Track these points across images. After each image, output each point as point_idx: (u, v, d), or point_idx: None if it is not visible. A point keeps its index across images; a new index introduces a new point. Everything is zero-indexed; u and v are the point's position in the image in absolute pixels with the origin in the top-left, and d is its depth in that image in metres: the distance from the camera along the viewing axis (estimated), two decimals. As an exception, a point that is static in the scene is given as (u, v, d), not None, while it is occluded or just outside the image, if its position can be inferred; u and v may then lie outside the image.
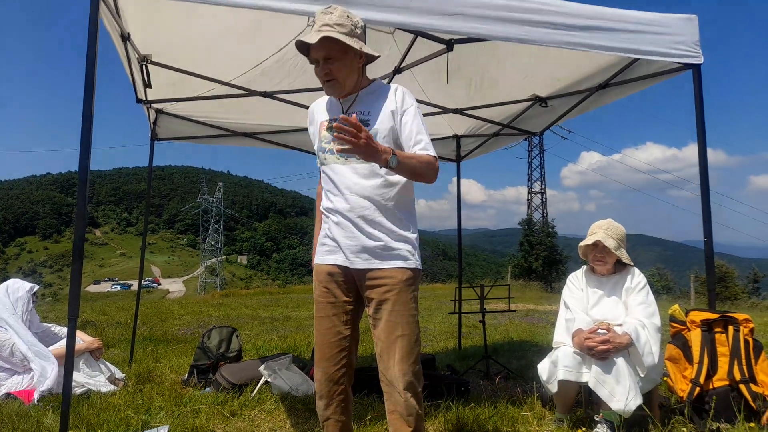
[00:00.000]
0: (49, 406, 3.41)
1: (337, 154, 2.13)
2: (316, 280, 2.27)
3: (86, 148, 2.45)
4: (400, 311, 2.12)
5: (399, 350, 2.10)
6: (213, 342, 4.47)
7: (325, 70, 2.11)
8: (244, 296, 19.74)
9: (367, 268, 2.14)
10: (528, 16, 2.88)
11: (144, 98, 4.53)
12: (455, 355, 5.75)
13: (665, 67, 3.48)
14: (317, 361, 2.24)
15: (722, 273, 18.52)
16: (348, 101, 2.23)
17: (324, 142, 2.23)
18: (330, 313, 2.21)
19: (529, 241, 31.43)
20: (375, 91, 2.24)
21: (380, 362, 2.16)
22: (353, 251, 2.15)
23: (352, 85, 2.19)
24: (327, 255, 2.24)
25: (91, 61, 2.47)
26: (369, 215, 2.14)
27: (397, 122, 2.17)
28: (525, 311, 11.60)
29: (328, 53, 2.08)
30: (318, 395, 2.24)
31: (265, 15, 2.76)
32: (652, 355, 2.83)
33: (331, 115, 2.26)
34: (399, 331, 2.11)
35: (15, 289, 4.00)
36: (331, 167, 2.21)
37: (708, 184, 3.31)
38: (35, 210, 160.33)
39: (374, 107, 2.19)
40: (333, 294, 2.22)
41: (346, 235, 2.16)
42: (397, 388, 2.09)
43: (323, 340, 2.21)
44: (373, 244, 2.14)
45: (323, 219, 2.29)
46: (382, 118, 2.16)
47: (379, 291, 2.14)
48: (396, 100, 2.18)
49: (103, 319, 9.38)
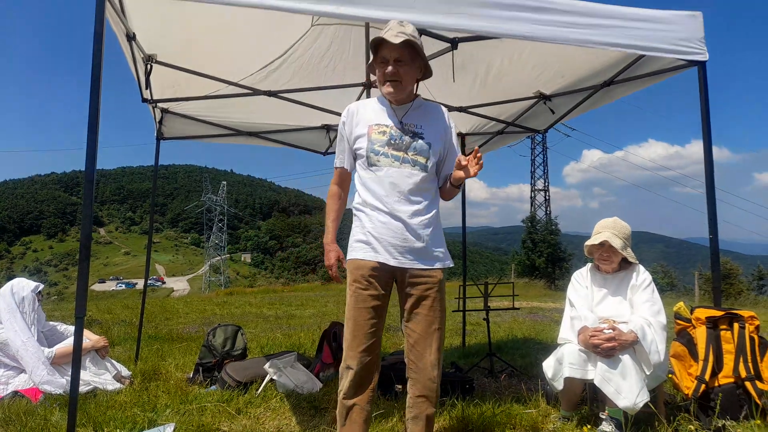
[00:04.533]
0: (56, 404, 3.43)
1: (392, 158, 2.34)
2: (357, 274, 2.35)
3: (92, 147, 2.47)
4: (437, 307, 2.36)
5: (436, 341, 2.35)
6: (218, 340, 4.48)
7: (393, 70, 2.30)
8: (248, 294, 19.75)
9: (412, 267, 2.34)
10: (533, 14, 2.88)
11: (150, 98, 4.54)
12: (459, 352, 5.74)
13: (670, 64, 3.47)
14: (353, 351, 2.32)
15: (727, 270, 18.41)
16: (403, 109, 2.43)
17: (377, 145, 2.36)
18: (370, 305, 2.33)
19: (533, 238, 31.32)
20: (423, 106, 2.49)
21: (412, 352, 2.36)
22: (400, 251, 2.32)
23: (408, 93, 2.41)
24: (371, 252, 2.35)
25: (96, 60, 2.48)
26: (417, 218, 2.34)
27: (443, 144, 2.46)
28: (529, 309, 11.59)
29: (402, 55, 2.29)
30: (352, 383, 2.32)
31: (271, 15, 2.76)
32: (658, 353, 2.83)
33: (382, 120, 2.40)
34: (436, 325, 2.36)
35: (20, 288, 4.02)
36: (383, 170, 2.35)
37: (713, 181, 3.30)
38: (40, 209, 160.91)
39: (426, 122, 2.43)
40: (374, 287, 2.33)
41: (394, 236, 2.32)
42: (430, 374, 2.33)
43: (361, 331, 2.32)
44: (420, 245, 2.34)
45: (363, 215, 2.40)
46: (435, 136, 2.42)
47: (420, 288, 2.34)
48: (444, 124, 2.48)
49: (108, 318, 9.41)
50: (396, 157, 2.35)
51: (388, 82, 2.33)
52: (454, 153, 2.48)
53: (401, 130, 2.38)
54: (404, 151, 2.36)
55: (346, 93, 4.61)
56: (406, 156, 2.35)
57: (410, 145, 2.36)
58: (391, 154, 2.35)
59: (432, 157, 2.39)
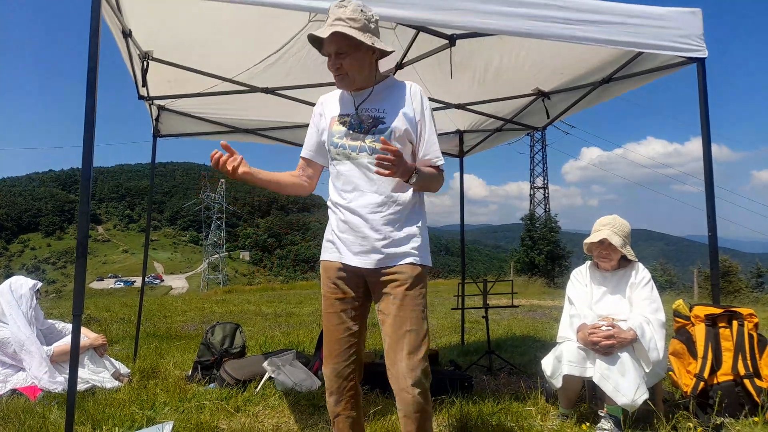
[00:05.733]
0: (54, 402, 3.43)
1: (349, 149, 2.14)
2: (324, 276, 2.23)
3: (89, 145, 2.45)
4: (409, 306, 2.09)
5: (408, 345, 2.06)
6: (216, 338, 4.48)
7: (336, 65, 2.11)
8: (246, 292, 19.77)
9: (377, 267, 2.12)
10: (531, 10, 2.87)
11: (146, 95, 4.53)
12: (458, 350, 5.75)
13: (669, 61, 3.46)
14: (325, 359, 2.22)
15: (726, 268, 18.45)
16: (361, 96, 2.21)
17: (336, 137, 2.19)
18: (338, 309, 2.19)
19: (532, 236, 31.36)
20: (389, 87, 2.23)
21: (387, 358, 2.12)
22: (360, 250, 2.12)
23: (364, 79, 2.18)
24: (335, 252, 2.20)
25: (93, 57, 2.47)
26: (378, 213, 2.12)
27: (413, 127, 2.18)
28: (528, 307, 11.60)
29: (340, 48, 2.07)
30: (328, 392, 2.21)
31: (267, 11, 2.74)
32: (657, 351, 2.83)
33: (343, 110, 2.23)
34: (407, 326, 2.08)
35: (18, 285, 4.01)
36: (341, 163, 2.19)
37: (712, 179, 3.29)
38: (38, 207, 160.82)
39: (389, 104, 2.18)
40: (341, 290, 2.19)
41: (354, 234, 2.13)
42: (403, 385, 2.04)
43: (332, 337, 2.19)
44: (382, 243, 2.11)
45: (330, 213, 2.25)
46: (398, 117, 2.15)
47: (389, 287, 2.12)
48: (413, 105, 2.20)
49: (106, 316, 9.40)
50: (353, 148, 2.14)
51: (336, 75, 2.15)
52: (431, 135, 2.21)
53: (359, 117, 2.17)
54: (362, 140, 2.14)
55: (344, 90, 4.59)
56: (363, 144, 2.13)
57: (369, 131, 2.14)
58: (348, 145, 2.15)
59: (395, 142, 2.09)
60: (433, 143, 2.21)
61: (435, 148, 2.21)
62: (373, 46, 2.09)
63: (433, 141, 2.21)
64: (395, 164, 1.97)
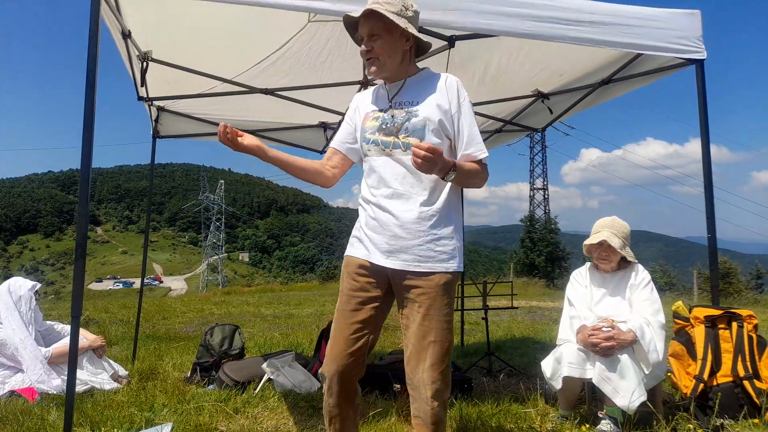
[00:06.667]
0: (53, 404, 3.42)
1: (382, 145, 2.07)
2: (345, 272, 2.14)
3: (88, 146, 2.45)
4: (434, 317, 2.01)
5: (430, 357, 2.00)
6: (215, 339, 4.47)
7: (368, 47, 2.04)
8: (246, 294, 19.74)
9: (404, 269, 2.03)
10: (530, 11, 2.87)
11: (145, 96, 4.52)
12: (458, 352, 5.74)
13: (668, 62, 3.47)
14: (329, 356, 2.11)
15: (725, 269, 18.44)
16: (394, 88, 2.13)
17: (368, 133, 2.11)
18: (355, 307, 2.09)
19: (532, 237, 31.39)
20: (423, 79, 2.15)
21: (408, 365, 2.06)
22: (389, 250, 2.04)
23: (395, 68, 2.10)
24: (361, 249, 2.12)
25: (92, 58, 2.46)
26: (411, 212, 2.03)
27: (448, 120, 2.07)
28: (528, 308, 11.59)
29: (372, 29, 2.02)
30: (327, 392, 2.11)
31: (266, 12, 2.74)
32: (657, 352, 2.82)
33: (378, 105, 2.16)
34: (432, 337, 2.00)
35: (17, 287, 4.00)
36: (373, 160, 2.11)
37: (711, 180, 3.30)
38: (37, 208, 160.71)
39: (422, 96, 2.08)
40: (362, 287, 2.10)
41: (383, 233, 2.05)
42: (424, 396, 1.98)
43: (342, 335, 2.09)
44: (412, 243, 2.02)
45: (361, 210, 2.18)
46: (431, 109, 2.05)
47: (414, 293, 2.03)
48: (449, 96, 2.07)
49: (105, 317, 9.38)
50: (386, 144, 2.06)
51: (367, 60, 2.07)
52: (471, 127, 2.08)
53: (393, 111, 2.09)
54: (395, 135, 2.05)
55: (343, 91, 4.59)
56: (396, 140, 2.05)
57: (402, 126, 2.05)
58: (381, 141, 2.07)
59: (430, 136, 2.02)
60: (475, 136, 2.08)
61: (477, 140, 2.08)
62: (407, 32, 2.03)
63: (474, 134, 2.08)
64: (431, 161, 1.85)
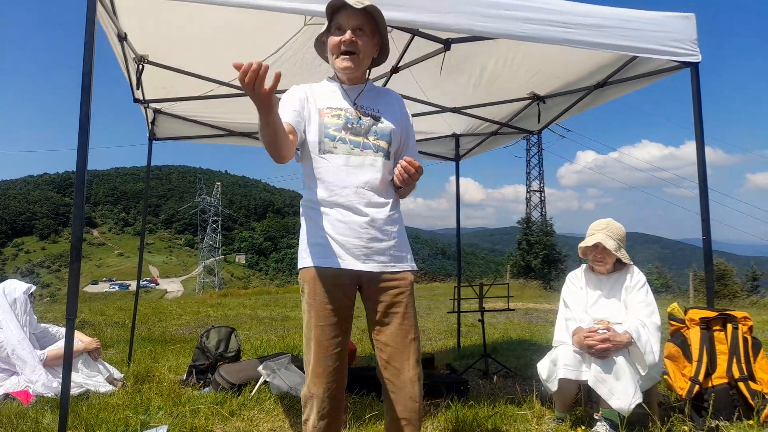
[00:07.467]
0: (47, 407, 3.40)
1: (351, 144, 2.02)
2: (315, 285, 2.00)
3: (84, 148, 2.44)
4: (411, 314, 2.04)
5: (414, 354, 2.02)
6: (211, 342, 4.46)
7: (352, 39, 1.99)
8: (242, 296, 19.66)
9: (381, 271, 2.01)
10: (526, 14, 2.88)
11: (141, 98, 4.52)
12: (454, 354, 5.74)
13: (663, 65, 3.48)
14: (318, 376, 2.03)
15: (721, 271, 18.52)
16: (356, 90, 2.12)
17: (332, 129, 2.02)
18: (333, 321, 2.01)
19: (528, 239, 31.47)
20: (377, 90, 2.22)
21: (387, 369, 2.04)
22: (366, 253, 1.99)
23: (361, 72, 2.12)
24: (332, 257, 1.99)
25: (88, 61, 2.46)
26: (383, 212, 2.03)
27: (402, 131, 2.17)
28: (524, 310, 11.60)
29: (363, 25, 2.01)
30: (318, 414, 2.01)
31: (263, 15, 2.75)
32: (653, 354, 2.83)
33: (336, 103, 2.08)
34: (412, 334, 2.04)
35: (12, 289, 3.99)
36: (340, 157, 2.02)
37: (706, 182, 3.31)
38: (33, 210, 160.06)
39: (382, 105, 2.15)
40: (337, 300, 2.01)
41: (359, 235, 1.99)
42: (410, 393, 2.00)
43: (326, 353, 2.01)
44: (389, 243, 2.03)
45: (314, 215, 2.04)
46: (394, 119, 2.14)
47: (391, 294, 2.02)
48: (401, 110, 2.21)
49: (101, 320, 9.35)
50: (355, 143, 2.01)
51: (344, 55, 2.00)
52: (414, 139, 2.22)
53: (357, 112, 2.06)
54: (364, 136, 2.03)
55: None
56: (366, 141, 2.03)
57: (370, 128, 2.04)
58: (349, 140, 2.01)
59: (394, 143, 2.08)
60: (416, 148, 2.26)
61: (417, 153, 2.25)
62: (383, 42, 2.12)
63: (415, 147, 2.25)
64: (416, 179, 1.97)
